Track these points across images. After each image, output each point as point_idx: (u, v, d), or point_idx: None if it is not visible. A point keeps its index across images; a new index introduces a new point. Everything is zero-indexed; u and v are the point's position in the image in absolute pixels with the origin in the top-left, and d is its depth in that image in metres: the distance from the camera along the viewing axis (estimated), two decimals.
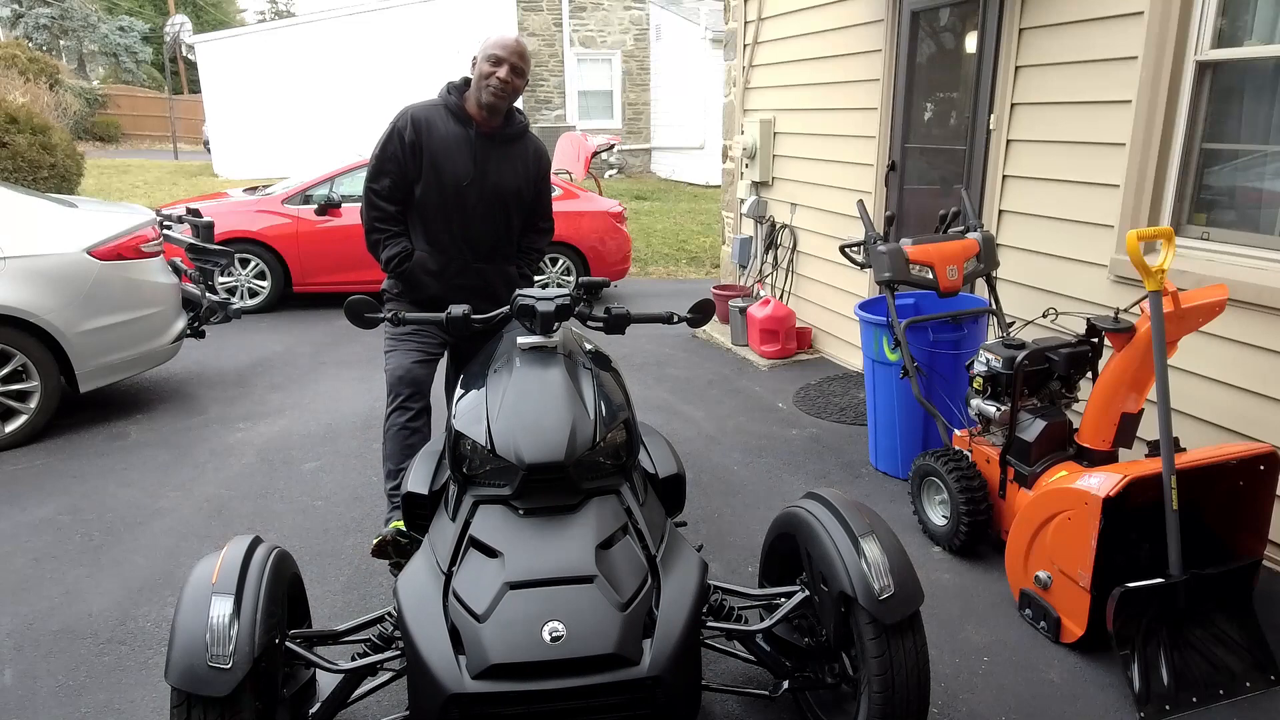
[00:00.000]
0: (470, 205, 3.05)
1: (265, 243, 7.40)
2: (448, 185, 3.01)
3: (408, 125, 2.97)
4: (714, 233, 11.82)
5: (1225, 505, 2.82)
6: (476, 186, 3.03)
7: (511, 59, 2.92)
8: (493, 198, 3.08)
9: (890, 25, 5.09)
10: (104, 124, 24.91)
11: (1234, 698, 2.57)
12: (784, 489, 4.06)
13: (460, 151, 3.00)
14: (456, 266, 3.12)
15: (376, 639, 2.17)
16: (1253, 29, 3.28)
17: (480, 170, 3.03)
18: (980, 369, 3.35)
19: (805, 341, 6.30)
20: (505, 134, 3.08)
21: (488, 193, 3.06)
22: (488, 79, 2.92)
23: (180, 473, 4.23)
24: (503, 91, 2.94)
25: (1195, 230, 3.55)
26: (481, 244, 3.13)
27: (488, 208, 3.08)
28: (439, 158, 2.99)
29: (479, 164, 3.02)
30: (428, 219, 3.07)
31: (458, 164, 3.00)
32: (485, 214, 3.09)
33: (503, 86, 2.92)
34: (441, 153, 2.99)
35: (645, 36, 19.77)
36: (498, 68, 2.91)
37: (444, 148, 2.99)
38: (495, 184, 3.07)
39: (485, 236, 3.13)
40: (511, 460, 2.07)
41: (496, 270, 3.21)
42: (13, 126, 10.32)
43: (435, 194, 3.02)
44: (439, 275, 3.11)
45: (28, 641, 2.86)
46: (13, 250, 4.41)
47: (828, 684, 2.23)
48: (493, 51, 2.92)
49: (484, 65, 2.93)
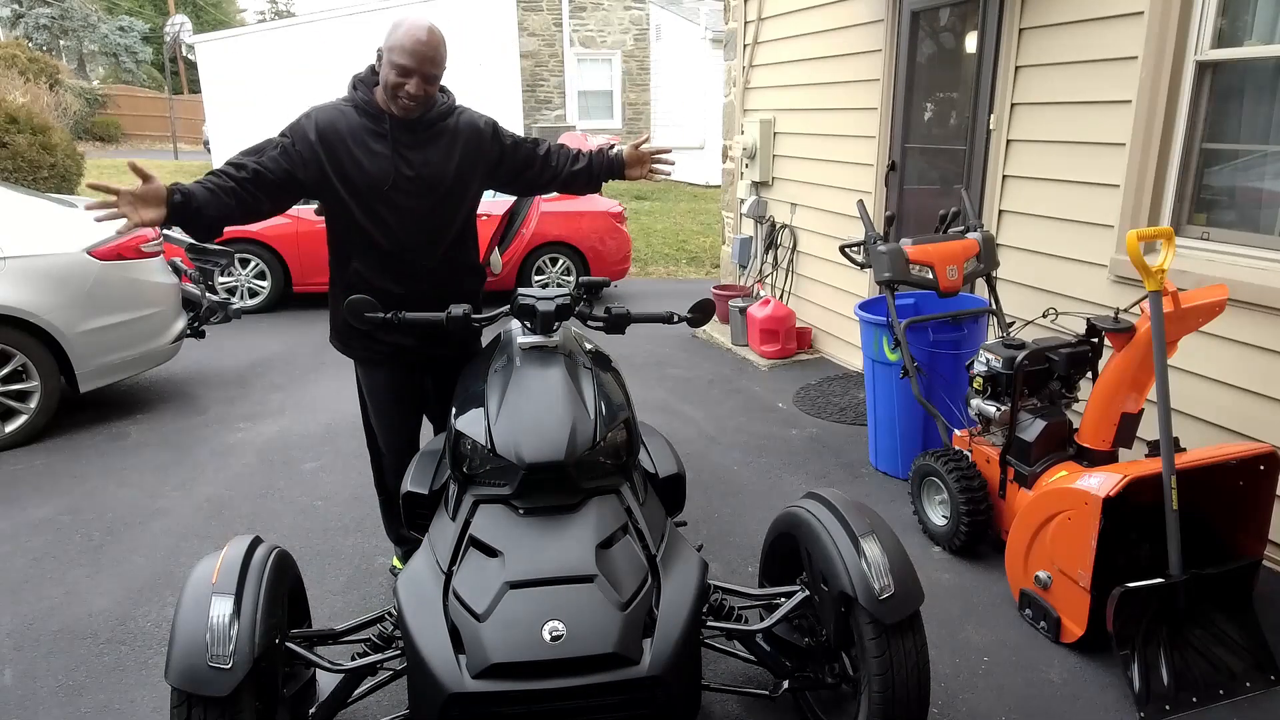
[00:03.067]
0: (401, 203, 2.62)
1: (265, 243, 7.40)
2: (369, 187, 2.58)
3: (311, 125, 2.55)
4: (714, 233, 11.82)
5: (1225, 505, 2.82)
6: (405, 184, 2.61)
7: (423, 68, 2.44)
8: (424, 190, 2.64)
9: (890, 25, 5.09)
10: (104, 124, 24.90)
11: (1234, 698, 2.57)
12: (784, 489, 4.06)
13: (375, 149, 2.57)
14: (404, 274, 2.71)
15: (376, 639, 2.17)
16: (1253, 29, 3.28)
17: (404, 162, 2.59)
18: (980, 369, 3.35)
19: (805, 341, 6.30)
20: (427, 119, 2.62)
21: (418, 186, 2.63)
22: (396, 91, 2.48)
23: (180, 473, 4.23)
24: (414, 104, 2.51)
25: (1195, 230, 3.55)
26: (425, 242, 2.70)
27: (422, 202, 2.65)
28: (352, 159, 2.56)
29: (401, 157, 2.59)
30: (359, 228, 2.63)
31: (376, 163, 2.57)
32: (421, 209, 2.65)
33: (413, 100, 2.49)
34: (354, 154, 2.56)
35: (645, 36, 19.77)
36: (405, 79, 2.45)
37: (357, 149, 2.56)
38: (423, 175, 2.62)
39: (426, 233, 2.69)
40: (512, 460, 2.07)
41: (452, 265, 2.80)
42: (13, 126, 10.32)
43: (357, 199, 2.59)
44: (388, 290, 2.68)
45: (28, 641, 2.86)
46: (13, 250, 4.41)
47: (828, 684, 2.23)
48: (399, 61, 2.43)
49: (389, 74, 2.46)
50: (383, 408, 2.94)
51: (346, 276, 2.72)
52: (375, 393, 2.92)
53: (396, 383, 2.89)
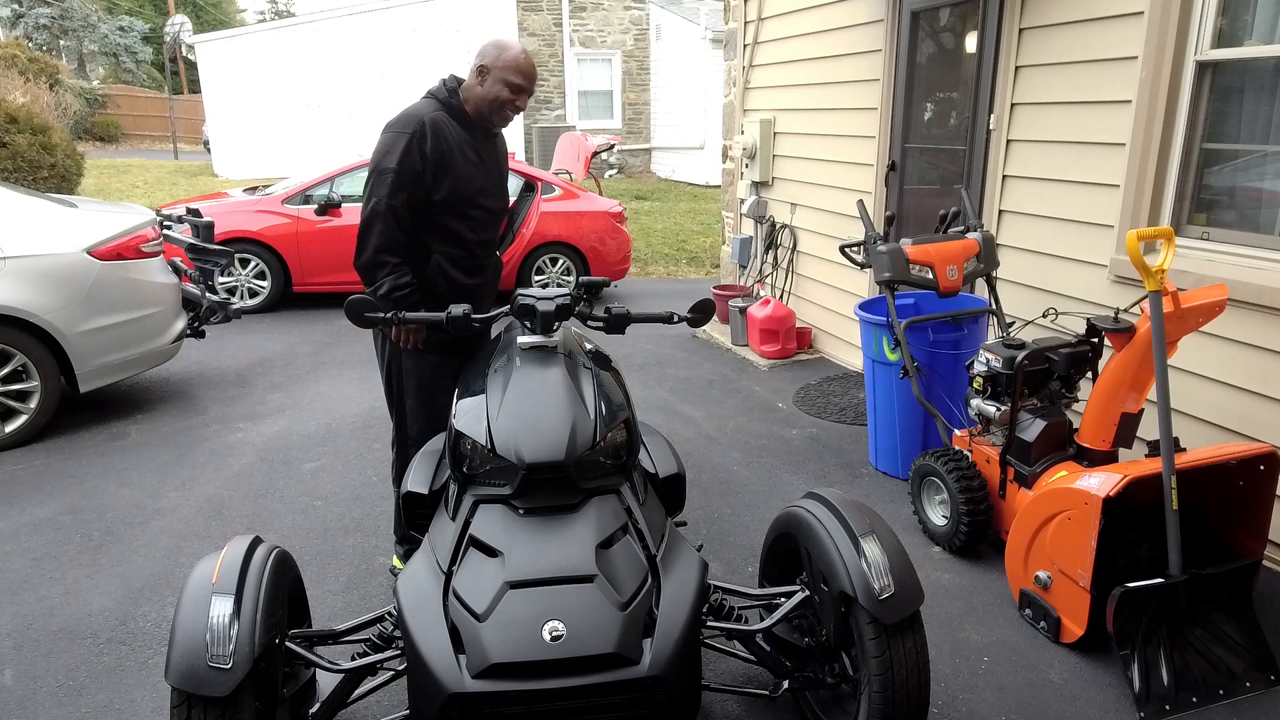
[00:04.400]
0: (483, 209, 2.96)
1: (265, 243, 7.40)
2: (467, 194, 2.86)
3: (426, 136, 2.73)
4: (714, 233, 11.82)
5: (1225, 505, 2.82)
6: (487, 189, 2.95)
7: (531, 87, 2.82)
8: (495, 194, 3.02)
9: (890, 25, 5.09)
10: (104, 124, 24.91)
11: (1234, 698, 2.57)
12: (784, 489, 4.06)
13: (471, 158, 2.87)
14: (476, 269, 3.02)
15: (376, 639, 2.17)
16: (1253, 29, 3.28)
17: (487, 170, 2.95)
18: (980, 369, 3.35)
19: (805, 341, 6.30)
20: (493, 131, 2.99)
21: (493, 190, 3.00)
22: (504, 106, 2.79)
23: (180, 473, 4.23)
24: (513, 117, 2.88)
25: (1195, 230, 3.55)
26: (491, 240, 3.08)
27: (494, 207, 3.02)
28: (456, 168, 2.81)
29: (485, 165, 2.94)
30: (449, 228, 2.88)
31: (474, 172, 2.87)
32: (493, 211, 3.03)
33: (517, 113, 2.86)
34: (458, 163, 2.82)
35: (645, 36, 19.78)
36: (518, 96, 2.79)
37: (460, 157, 2.82)
38: (497, 183, 3.02)
39: (493, 231, 3.08)
40: (512, 460, 2.07)
41: (495, 262, 3.17)
42: (13, 126, 10.32)
43: (455, 203, 2.85)
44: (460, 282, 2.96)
45: (28, 641, 2.86)
46: (13, 250, 4.41)
47: (828, 684, 2.23)
48: (515, 80, 2.76)
49: (502, 90, 2.76)
50: (429, 392, 2.98)
51: (427, 269, 2.92)
52: (424, 377, 2.97)
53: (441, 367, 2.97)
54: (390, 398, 3.08)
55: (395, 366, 3.00)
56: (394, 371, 3.01)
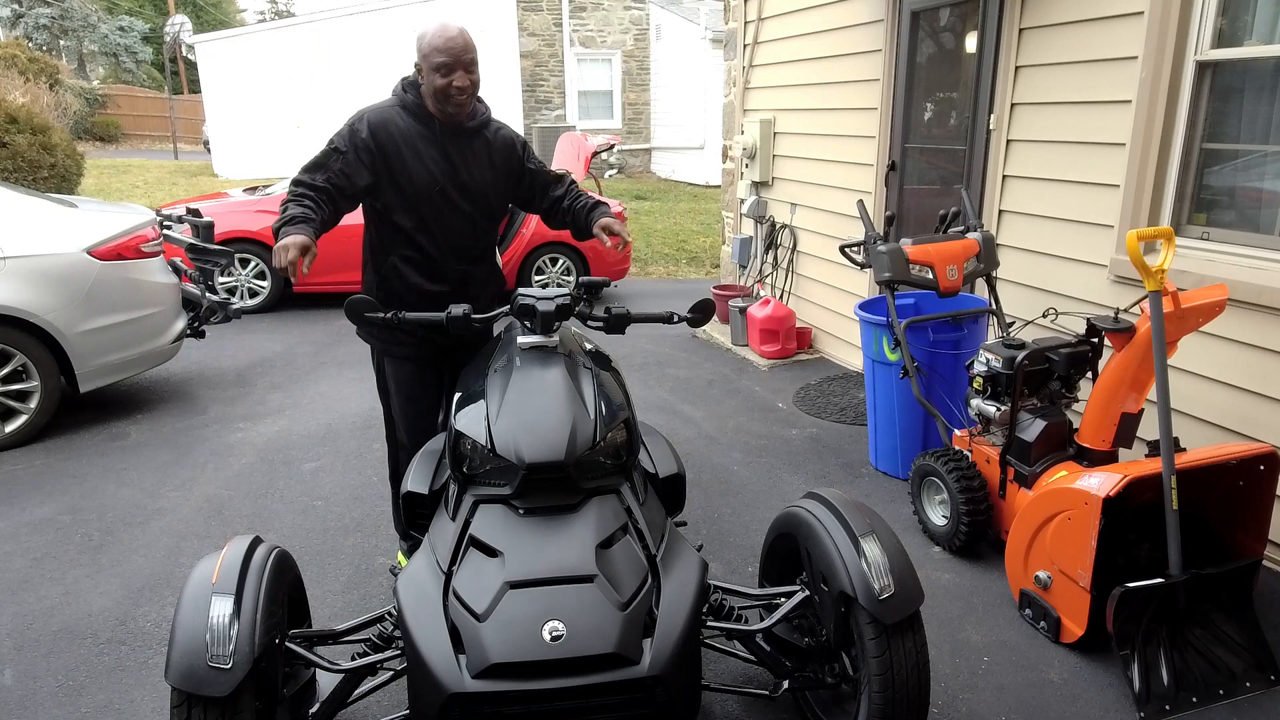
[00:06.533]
0: (447, 208, 2.77)
1: (265, 243, 7.39)
2: (419, 190, 2.72)
3: (363, 124, 2.66)
4: (714, 233, 11.82)
5: (1225, 505, 2.82)
6: (451, 187, 2.76)
7: (463, 60, 2.58)
8: (468, 196, 2.80)
9: (890, 25, 5.09)
10: (104, 124, 24.91)
11: (1234, 698, 2.57)
12: (784, 489, 4.06)
13: (427, 153, 2.71)
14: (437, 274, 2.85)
15: (376, 639, 2.17)
16: (1253, 29, 3.28)
17: (452, 168, 2.75)
18: (980, 369, 3.35)
19: (805, 341, 6.30)
20: (470, 127, 2.78)
21: (463, 192, 2.79)
22: (445, 92, 2.61)
23: (180, 473, 4.23)
24: (465, 96, 2.64)
25: (1195, 230, 3.55)
26: (462, 246, 2.86)
27: (465, 207, 2.81)
28: (404, 162, 2.69)
29: (450, 163, 2.75)
30: (401, 229, 2.77)
31: (427, 166, 2.71)
32: (464, 214, 2.82)
33: (462, 93, 2.62)
34: (404, 156, 2.69)
35: (645, 36, 19.77)
36: (450, 76, 2.59)
37: (407, 151, 2.69)
38: (466, 181, 2.79)
39: (465, 237, 2.86)
40: (512, 459, 2.07)
41: (480, 270, 2.97)
42: (13, 126, 10.32)
43: (404, 201, 2.73)
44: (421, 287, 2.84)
45: (28, 641, 2.86)
46: (13, 250, 4.41)
47: (828, 684, 2.23)
48: (438, 60, 2.57)
49: (434, 78, 2.60)
50: (409, 399, 2.98)
51: (384, 270, 2.83)
52: (402, 384, 2.97)
53: (423, 374, 2.96)
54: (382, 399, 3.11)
55: (382, 370, 3.03)
56: (381, 374, 3.04)
